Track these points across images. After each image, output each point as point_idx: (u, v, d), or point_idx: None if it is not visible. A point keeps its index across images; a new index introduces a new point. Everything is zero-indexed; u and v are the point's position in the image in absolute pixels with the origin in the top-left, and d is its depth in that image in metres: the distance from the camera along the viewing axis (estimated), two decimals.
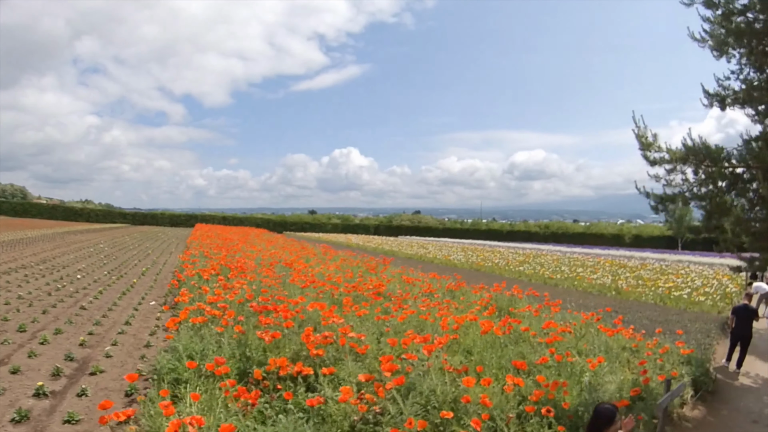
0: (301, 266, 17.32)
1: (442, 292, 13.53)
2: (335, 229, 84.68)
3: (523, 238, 75.16)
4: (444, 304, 11.03)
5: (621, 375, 6.99)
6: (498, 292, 13.02)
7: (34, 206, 79.29)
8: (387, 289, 12.97)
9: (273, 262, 18.68)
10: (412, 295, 12.35)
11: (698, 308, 15.48)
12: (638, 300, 16.90)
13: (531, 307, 11.19)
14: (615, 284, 19.07)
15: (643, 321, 13.06)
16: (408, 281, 15.19)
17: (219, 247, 24.79)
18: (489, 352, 7.38)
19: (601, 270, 23.68)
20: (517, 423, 5.37)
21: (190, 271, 15.14)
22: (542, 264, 26.66)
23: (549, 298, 12.80)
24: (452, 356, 7.14)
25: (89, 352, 8.09)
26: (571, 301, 15.45)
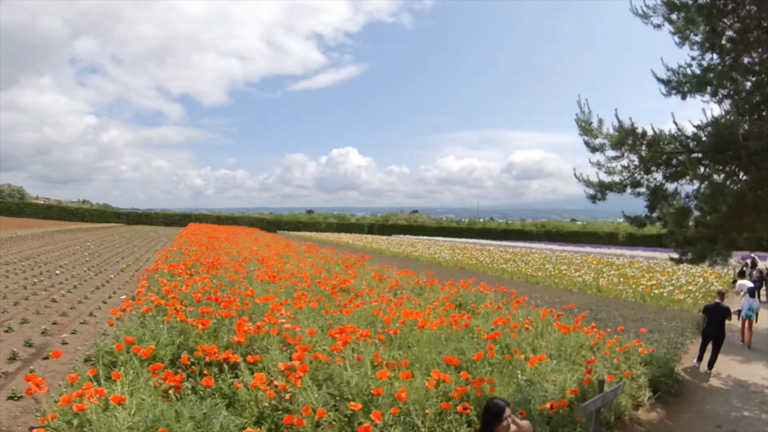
0: (274, 263, 17.05)
1: (411, 289, 13.23)
2: (329, 229, 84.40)
3: (518, 237, 74.72)
4: (397, 299, 10.74)
5: (569, 374, 6.56)
6: (465, 288, 12.60)
7: (29, 206, 79.71)
8: (352, 285, 12.76)
9: (247, 259, 18.45)
10: (376, 291, 12.16)
11: (678, 306, 15.02)
12: (618, 298, 16.45)
13: (493, 303, 10.80)
14: (596, 282, 18.64)
15: (617, 319, 12.65)
16: (377, 277, 14.85)
17: (201, 245, 24.48)
18: (429, 348, 7.07)
19: (585, 268, 23.27)
20: (436, 419, 5.13)
21: (160, 266, 15.22)
22: (527, 262, 26.23)
23: (517, 295, 12.44)
24: (393, 351, 6.98)
25: (48, 340, 8.58)
26: (545, 298, 15.11)
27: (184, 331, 7.21)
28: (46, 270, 16.95)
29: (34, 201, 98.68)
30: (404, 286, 13.52)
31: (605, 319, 12.47)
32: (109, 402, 4.65)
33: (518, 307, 10.70)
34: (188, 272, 13.37)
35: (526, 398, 5.66)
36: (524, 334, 8.29)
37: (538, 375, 6.38)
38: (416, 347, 7.20)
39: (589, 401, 4.99)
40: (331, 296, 10.67)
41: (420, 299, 11.41)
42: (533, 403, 5.64)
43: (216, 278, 12.43)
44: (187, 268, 14.35)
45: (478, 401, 5.31)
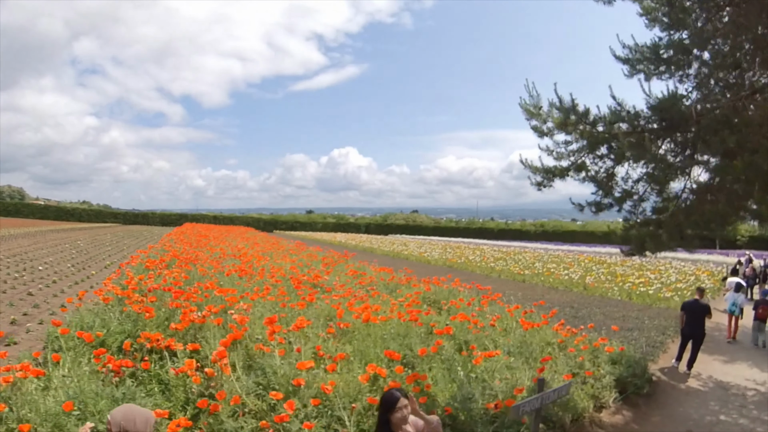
0: (251, 259, 16.60)
1: (384, 285, 12.79)
2: (326, 228, 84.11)
3: (515, 236, 74.25)
4: (363, 295, 10.36)
5: (528, 372, 6.12)
6: (438, 285, 12.16)
7: (26, 206, 79.88)
8: (323, 281, 12.35)
9: (227, 256, 18.03)
10: (348, 287, 11.66)
11: (665, 304, 14.55)
12: (603, 296, 15.99)
13: (463, 300, 10.36)
14: (583, 280, 18.18)
15: (597, 317, 12.20)
16: (353, 274, 14.48)
17: (187, 243, 24.02)
18: (377, 342, 6.70)
19: (575, 266, 22.81)
20: (365, 414, 4.96)
21: (138, 261, 15.09)
22: (518, 261, 25.76)
23: (502, 294, 11.97)
24: (344, 344, 6.67)
25: (15, 329, 8.73)
26: (526, 295, 14.65)
27: (136, 321, 7.22)
28: (30, 266, 16.70)
29: (32, 201, 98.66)
30: (378, 283, 13.08)
31: (585, 317, 12.05)
32: (51, 383, 4.90)
33: (488, 303, 10.22)
34: (164, 267, 13.03)
35: (466, 396, 5.22)
36: (489, 331, 7.86)
37: (488, 372, 5.94)
38: (366, 341, 6.79)
39: (524, 401, 4.55)
40: (297, 291, 10.26)
41: (392, 296, 10.99)
42: (478, 402, 5.22)
43: (188, 272, 12.14)
44: (164, 263, 13.97)
45: (416, 397, 4.90)
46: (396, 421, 3.39)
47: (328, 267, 16.31)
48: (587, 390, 6.44)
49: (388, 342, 6.72)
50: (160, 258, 15.30)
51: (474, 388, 5.51)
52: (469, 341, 7.24)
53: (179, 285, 9.74)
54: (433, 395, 5.47)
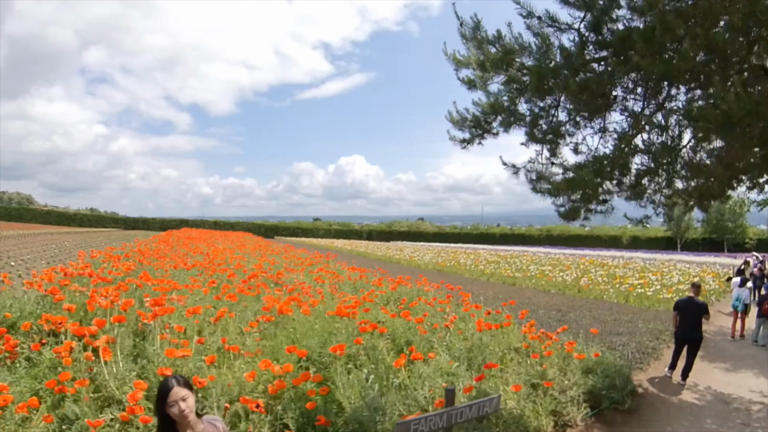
0: (217, 258, 15.62)
1: (351, 285, 11.71)
2: (328, 235, 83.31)
3: (518, 241, 72.91)
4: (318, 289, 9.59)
5: (468, 380, 4.91)
6: (403, 284, 10.98)
7: (29, 211, 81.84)
8: (284, 278, 11.71)
9: (198, 254, 17.04)
10: (307, 284, 10.74)
11: (664, 306, 13.20)
12: (598, 298, 14.65)
13: (422, 299, 9.19)
14: (577, 282, 16.86)
15: (585, 320, 10.93)
16: (322, 271, 13.51)
17: (166, 243, 23.04)
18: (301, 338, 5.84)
19: (572, 269, 21.50)
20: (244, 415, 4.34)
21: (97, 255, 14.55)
22: (512, 264, 24.51)
23: (475, 295, 10.76)
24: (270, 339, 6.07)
25: None
26: (505, 296, 13.39)
27: (54, 306, 6.90)
28: (4, 263, 16.44)
29: (32, 207, 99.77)
30: (346, 282, 12.04)
31: (571, 321, 10.78)
32: None
33: (451, 304, 9.01)
34: (117, 260, 12.55)
35: (372, 405, 4.12)
36: (442, 333, 6.68)
37: (419, 379, 4.75)
38: (287, 336, 5.97)
39: (419, 417, 3.34)
40: (247, 286, 9.50)
41: (355, 294, 9.95)
42: (388, 413, 4.09)
43: (143, 266, 11.74)
44: (119, 258, 13.35)
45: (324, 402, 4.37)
46: (173, 417, 2.67)
47: (298, 266, 15.26)
48: (546, 405, 5.17)
49: (310, 338, 5.68)
50: (126, 254, 14.79)
51: (394, 396, 4.34)
52: (413, 342, 6.05)
53: (121, 276, 9.32)
54: (339, 401, 4.61)
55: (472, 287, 16.62)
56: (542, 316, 11.25)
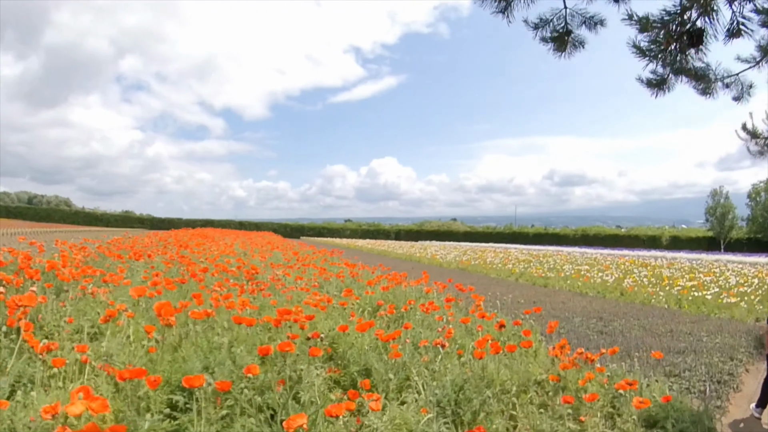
0: (201, 252, 13.91)
1: (336, 285, 9.72)
2: (354, 235, 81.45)
3: (552, 241, 69.92)
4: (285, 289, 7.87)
5: None
6: (399, 284, 8.88)
7: (56, 212, 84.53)
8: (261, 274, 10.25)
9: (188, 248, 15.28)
10: (283, 280, 9.49)
11: (727, 314, 10.80)
12: (645, 303, 12.24)
13: (414, 301, 7.08)
14: (620, 284, 14.43)
15: (635, 331, 8.60)
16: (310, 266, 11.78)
17: (162, 239, 21.36)
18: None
19: (612, 268, 19.03)
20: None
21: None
22: (544, 263, 22.09)
23: (501, 296, 8.60)
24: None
25: None
26: (521, 298, 11.17)
27: None
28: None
29: (62, 208, 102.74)
30: (333, 280, 10.10)
31: (615, 333, 8.48)
32: None
33: (455, 310, 6.89)
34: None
35: None
36: (430, 354, 4.56)
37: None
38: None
39: None
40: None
41: (328, 296, 7.90)
42: None
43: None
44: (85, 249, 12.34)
45: None
46: None
47: (290, 262, 13.33)
48: None
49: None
50: (117, 247, 14.34)
51: None
52: (373, 370, 3.97)
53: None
54: None
55: (497, 288, 14.38)
56: (578, 326, 8.98)
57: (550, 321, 5.72)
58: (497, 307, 8.16)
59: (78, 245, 12.84)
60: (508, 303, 10.85)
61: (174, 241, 21.33)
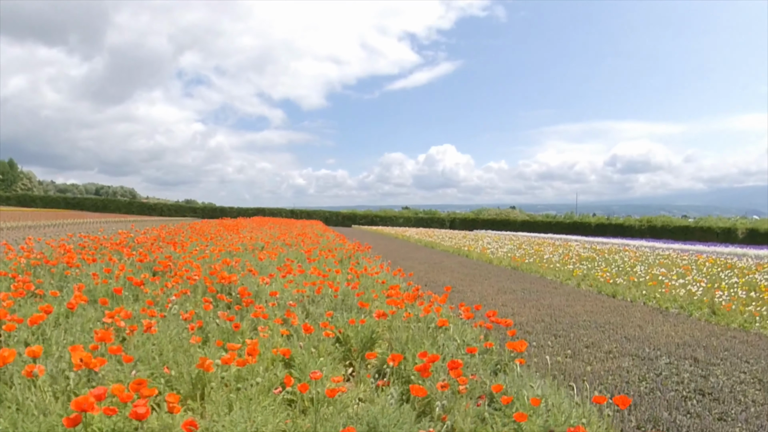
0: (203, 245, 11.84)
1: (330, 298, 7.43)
2: (407, 223, 79.87)
3: (616, 232, 65.85)
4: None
5: None
6: (405, 305, 6.49)
7: (112, 202, 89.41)
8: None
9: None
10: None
11: None
12: (746, 327, 9.36)
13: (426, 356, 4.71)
14: (710, 295, 11.53)
15: (749, 391, 5.94)
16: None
17: (192, 229, 19.74)
18: None
19: (694, 272, 16.02)
20: None
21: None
22: (611, 262, 19.16)
23: (558, 310, 6.42)
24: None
25: None
26: (570, 320, 8.51)
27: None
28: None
29: (117, 198, 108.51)
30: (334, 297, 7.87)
31: (724, 391, 5.82)
32: None
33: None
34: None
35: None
36: None
37: None
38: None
39: None
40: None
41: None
42: None
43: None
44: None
45: None
46: None
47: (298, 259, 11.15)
48: None
49: None
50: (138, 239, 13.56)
51: None
52: None
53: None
54: None
55: (553, 298, 11.84)
56: (665, 377, 6.25)
57: (625, 361, 3.21)
58: (553, 333, 5.60)
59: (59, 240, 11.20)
60: (565, 326, 8.34)
61: (192, 232, 19.64)
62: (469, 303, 10.94)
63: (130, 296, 7.62)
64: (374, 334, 6.68)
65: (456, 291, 12.56)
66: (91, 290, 7.67)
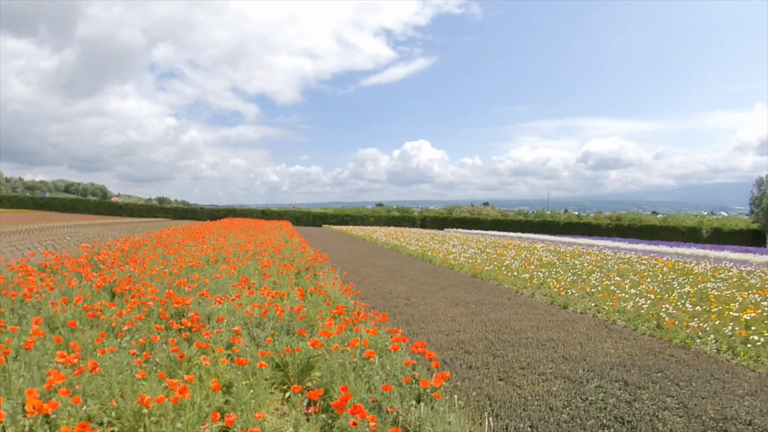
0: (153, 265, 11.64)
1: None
2: (378, 222, 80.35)
3: (584, 231, 66.77)
4: None
5: None
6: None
7: (81, 202, 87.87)
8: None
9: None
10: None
11: None
12: (687, 345, 9.31)
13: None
14: (656, 311, 11.59)
15: (671, 417, 5.95)
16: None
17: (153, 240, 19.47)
18: None
19: (649, 280, 16.21)
20: None
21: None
22: (570, 267, 19.33)
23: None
24: None
25: None
26: (513, 338, 8.50)
27: None
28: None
29: (87, 198, 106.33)
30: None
31: (644, 421, 5.82)
32: None
33: None
34: None
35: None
36: None
37: None
38: None
39: None
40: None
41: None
42: None
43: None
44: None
45: None
46: None
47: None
48: None
49: None
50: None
51: None
52: None
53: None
54: None
55: (502, 312, 11.86)
56: (591, 402, 6.25)
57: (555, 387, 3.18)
58: (493, 352, 5.51)
59: None
60: (507, 345, 8.37)
61: (156, 243, 19.44)
62: (419, 318, 10.97)
63: (87, 325, 7.59)
64: (311, 359, 6.72)
65: (410, 304, 12.53)
66: (51, 317, 7.74)
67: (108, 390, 5.14)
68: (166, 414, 4.68)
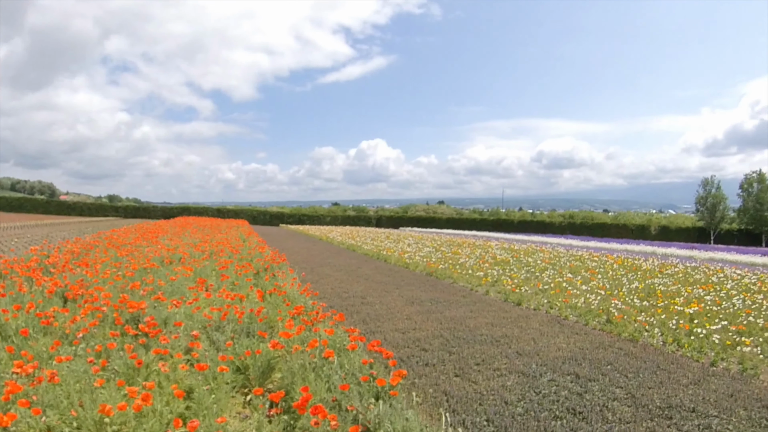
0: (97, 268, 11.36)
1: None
2: (334, 222, 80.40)
3: (538, 229, 68.12)
4: None
5: None
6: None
7: (29, 201, 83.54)
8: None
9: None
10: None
11: (736, 362, 8.47)
12: (635, 338, 9.71)
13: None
14: (605, 307, 11.98)
15: (619, 409, 6.20)
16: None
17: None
18: None
19: (600, 276, 16.71)
20: None
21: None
22: (524, 265, 19.77)
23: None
24: None
25: None
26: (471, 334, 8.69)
27: None
28: None
29: (34, 197, 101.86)
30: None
31: (596, 409, 6.07)
32: None
33: None
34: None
35: None
36: None
37: None
38: None
39: None
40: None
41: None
42: None
43: None
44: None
45: None
46: None
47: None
48: None
49: None
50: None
51: None
52: None
53: None
54: None
55: (456, 310, 12.03)
56: (544, 395, 6.45)
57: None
58: (449, 349, 5.61)
59: None
60: (462, 342, 8.51)
61: (108, 244, 18.93)
62: (375, 317, 11.04)
63: (40, 333, 7.36)
64: (272, 361, 6.70)
65: (366, 303, 12.60)
66: (2, 325, 7.43)
67: (67, 400, 5.01)
68: (128, 422, 4.62)
